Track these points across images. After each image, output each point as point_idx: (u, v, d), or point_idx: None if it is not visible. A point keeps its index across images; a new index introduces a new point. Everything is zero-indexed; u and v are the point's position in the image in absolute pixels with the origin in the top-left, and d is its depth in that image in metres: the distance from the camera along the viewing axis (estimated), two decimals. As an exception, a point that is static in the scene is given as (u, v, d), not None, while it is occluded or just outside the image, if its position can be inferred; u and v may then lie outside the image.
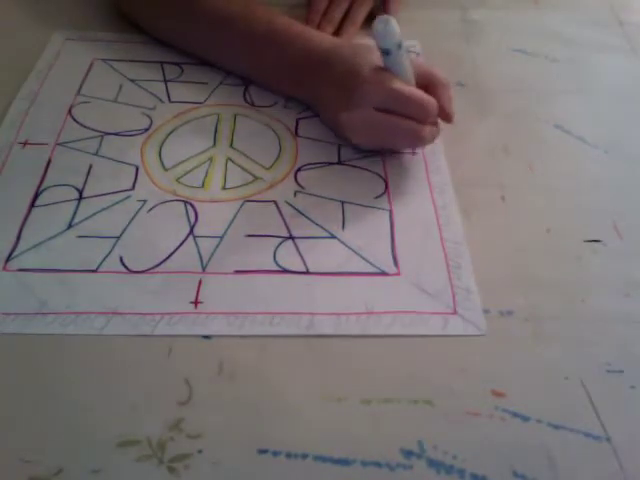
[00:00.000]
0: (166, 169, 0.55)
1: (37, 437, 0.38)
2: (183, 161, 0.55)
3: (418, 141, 0.53)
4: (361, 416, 0.40)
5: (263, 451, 0.38)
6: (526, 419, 0.40)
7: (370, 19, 0.70)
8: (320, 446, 0.38)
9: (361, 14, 0.70)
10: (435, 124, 0.53)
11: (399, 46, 0.50)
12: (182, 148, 0.56)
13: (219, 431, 0.39)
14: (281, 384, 0.41)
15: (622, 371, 0.42)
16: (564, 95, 0.63)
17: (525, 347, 0.44)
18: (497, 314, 0.45)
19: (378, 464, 0.38)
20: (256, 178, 0.54)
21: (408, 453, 0.38)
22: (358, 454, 0.38)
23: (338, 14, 0.69)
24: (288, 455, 0.38)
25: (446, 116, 0.53)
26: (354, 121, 0.53)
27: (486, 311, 0.45)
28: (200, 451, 0.38)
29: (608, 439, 0.39)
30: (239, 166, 0.55)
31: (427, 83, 0.53)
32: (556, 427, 0.40)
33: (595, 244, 0.50)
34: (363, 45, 0.56)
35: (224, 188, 0.53)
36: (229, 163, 0.55)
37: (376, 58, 0.52)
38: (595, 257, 0.49)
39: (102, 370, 0.42)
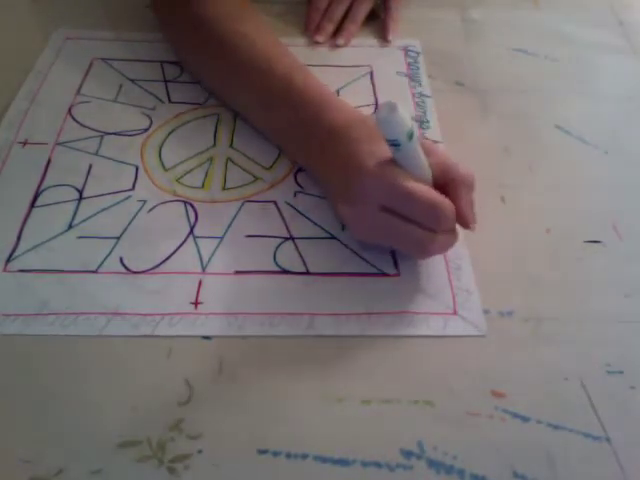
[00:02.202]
0: (166, 169, 0.55)
1: (37, 437, 0.39)
2: (183, 161, 0.55)
3: (424, 254, 0.46)
4: (361, 416, 0.40)
5: (263, 451, 0.38)
6: (526, 419, 0.40)
7: (371, 17, 0.70)
8: (320, 446, 0.38)
9: (362, 12, 0.70)
10: (452, 231, 0.44)
11: (410, 136, 0.40)
12: (182, 148, 0.56)
13: (219, 431, 0.39)
14: (281, 384, 0.41)
15: (622, 371, 0.42)
16: (564, 95, 0.63)
17: (525, 347, 0.44)
18: (497, 314, 0.45)
19: (378, 464, 0.38)
20: (256, 178, 0.54)
21: (408, 453, 0.38)
22: (358, 454, 0.38)
23: (339, 12, 0.69)
24: (288, 455, 0.38)
25: (464, 222, 0.44)
26: (353, 216, 0.45)
27: (486, 311, 0.45)
28: (200, 451, 0.38)
29: (608, 439, 0.39)
30: (239, 166, 0.55)
31: (447, 180, 0.44)
32: (556, 427, 0.40)
33: (595, 244, 0.50)
34: None
35: (224, 188, 0.53)
36: (229, 163, 0.55)
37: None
38: (595, 257, 0.49)
39: (102, 371, 0.42)
